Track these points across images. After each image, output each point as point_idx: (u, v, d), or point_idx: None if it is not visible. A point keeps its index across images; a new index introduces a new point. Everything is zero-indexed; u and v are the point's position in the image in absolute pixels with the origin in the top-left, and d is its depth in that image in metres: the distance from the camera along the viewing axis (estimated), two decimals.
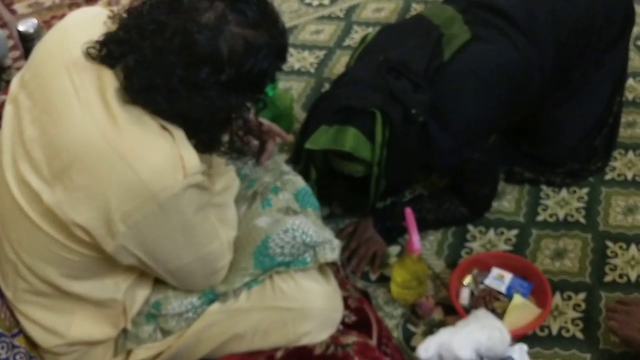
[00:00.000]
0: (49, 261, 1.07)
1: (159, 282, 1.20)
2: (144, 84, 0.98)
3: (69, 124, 1.00)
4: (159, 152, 0.99)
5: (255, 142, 1.38)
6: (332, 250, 1.25)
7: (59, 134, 1.00)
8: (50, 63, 1.06)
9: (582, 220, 1.70)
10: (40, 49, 1.11)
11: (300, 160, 1.58)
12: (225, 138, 1.13)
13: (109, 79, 1.00)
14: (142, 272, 1.16)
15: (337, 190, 1.65)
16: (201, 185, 1.03)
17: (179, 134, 1.01)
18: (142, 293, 1.19)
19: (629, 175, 1.80)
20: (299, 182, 1.34)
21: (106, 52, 1.00)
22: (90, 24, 1.06)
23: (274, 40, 1.04)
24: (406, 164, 1.50)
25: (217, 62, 0.98)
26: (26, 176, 1.02)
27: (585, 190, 1.77)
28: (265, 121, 1.42)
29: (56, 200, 1.00)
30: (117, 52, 1.00)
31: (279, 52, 1.07)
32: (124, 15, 1.02)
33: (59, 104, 1.01)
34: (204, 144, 1.07)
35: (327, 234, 1.26)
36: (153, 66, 0.97)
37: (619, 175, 1.80)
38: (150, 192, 0.97)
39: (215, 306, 1.21)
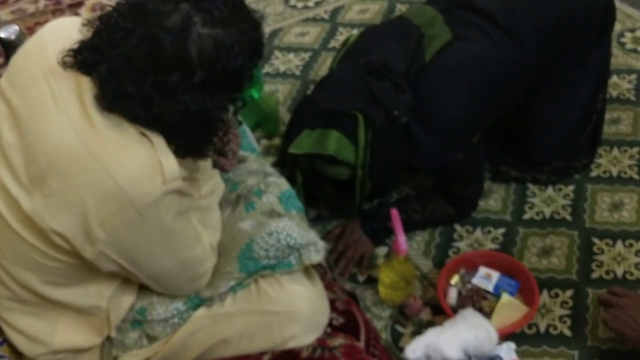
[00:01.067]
0: (29, 268, 1.06)
1: (143, 288, 1.20)
2: (118, 93, 0.97)
3: (46, 130, 0.99)
4: (137, 158, 0.98)
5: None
6: (317, 252, 1.25)
7: (36, 139, 0.99)
8: (28, 70, 1.05)
9: (569, 218, 1.70)
10: (18, 57, 1.10)
11: (286, 164, 1.58)
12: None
13: (87, 85, 0.99)
14: (126, 279, 1.15)
15: (324, 193, 1.65)
16: (181, 191, 1.03)
17: (158, 139, 1.01)
18: (127, 300, 1.18)
19: (614, 172, 1.80)
20: (283, 184, 1.34)
21: (80, 59, 0.99)
22: (67, 32, 1.05)
23: (246, 36, 1.01)
24: (390, 165, 1.50)
25: (187, 66, 0.96)
26: (5, 182, 1.02)
27: (571, 187, 1.77)
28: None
29: (35, 207, 0.99)
30: (91, 60, 0.98)
31: (253, 47, 1.03)
32: (97, 22, 1.01)
33: (37, 110, 1.00)
34: (184, 148, 1.05)
35: (311, 235, 1.26)
36: (124, 74, 0.96)
37: (604, 172, 1.81)
38: (128, 198, 0.97)
39: (201, 311, 1.21)
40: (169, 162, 1.00)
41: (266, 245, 1.21)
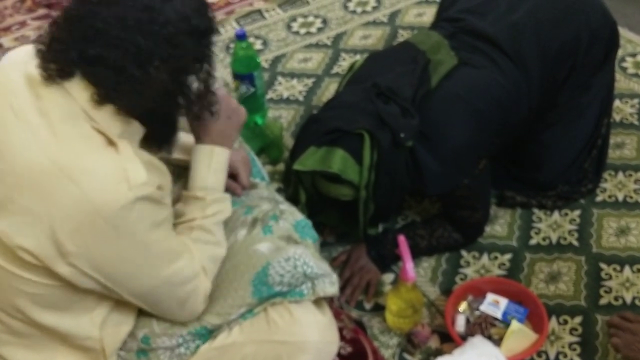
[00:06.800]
0: (15, 295, 1.04)
1: (142, 316, 1.18)
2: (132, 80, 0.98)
3: (12, 148, 0.98)
4: (101, 165, 0.97)
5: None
6: (331, 284, 1.25)
7: (2, 159, 0.99)
8: None
9: (575, 243, 1.69)
10: None
11: (290, 183, 1.58)
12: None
13: (51, 97, 0.99)
14: (117, 305, 1.13)
15: (328, 216, 1.64)
16: (152, 198, 1.00)
17: (125, 147, 1.00)
18: (124, 329, 1.16)
19: (620, 197, 1.80)
20: (296, 213, 1.34)
21: (76, 58, 0.98)
22: (24, 59, 1.05)
23: None
24: (394, 188, 1.49)
25: (186, 23, 1.00)
26: None
27: (577, 212, 1.77)
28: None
29: (3, 228, 0.98)
30: (91, 55, 0.97)
31: None
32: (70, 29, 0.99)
33: (2, 132, 1.00)
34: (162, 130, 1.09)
35: (326, 267, 1.26)
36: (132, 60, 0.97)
37: (609, 196, 1.80)
38: (94, 206, 0.95)
39: (208, 343, 1.19)
40: (135, 168, 0.99)
41: (282, 270, 1.20)
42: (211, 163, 1.22)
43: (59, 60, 0.98)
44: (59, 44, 0.98)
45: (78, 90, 0.99)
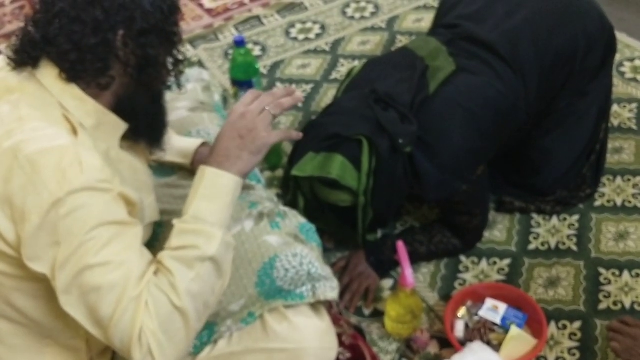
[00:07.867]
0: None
1: None
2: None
3: None
4: (57, 146, 0.96)
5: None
6: (332, 289, 1.25)
7: None
8: None
9: (574, 248, 1.70)
10: None
11: (289, 189, 1.58)
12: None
13: (24, 88, 1.01)
14: None
15: (327, 222, 1.64)
16: (103, 189, 0.96)
17: (85, 139, 1.00)
18: None
19: (619, 201, 1.80)
20: (299, 216, 1.35)
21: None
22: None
23: None
24: (393, 194, 1.49)
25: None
26: None
27: (575, 217, 1.77)
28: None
29: None
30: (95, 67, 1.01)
31: None
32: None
33: None
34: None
35: (329, 271, 1.26)
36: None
37: (608, 201, 1.81)
38: (45, 186, 0.93)
39: (206, 352, 1.19)
40: (90, 155, 0.97)
41: (289, 265, 1.21)
42: (199, 187, 1.06)
43: (26, 47, 1.02)
44: (25, 35, 1.03)
45: (47, 73, 1.02)
